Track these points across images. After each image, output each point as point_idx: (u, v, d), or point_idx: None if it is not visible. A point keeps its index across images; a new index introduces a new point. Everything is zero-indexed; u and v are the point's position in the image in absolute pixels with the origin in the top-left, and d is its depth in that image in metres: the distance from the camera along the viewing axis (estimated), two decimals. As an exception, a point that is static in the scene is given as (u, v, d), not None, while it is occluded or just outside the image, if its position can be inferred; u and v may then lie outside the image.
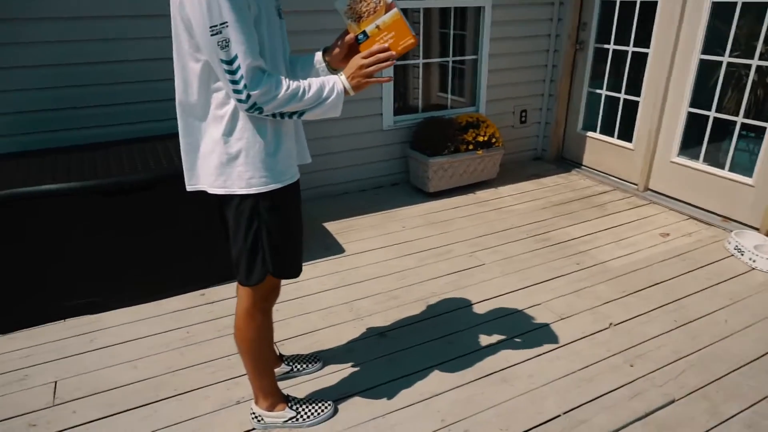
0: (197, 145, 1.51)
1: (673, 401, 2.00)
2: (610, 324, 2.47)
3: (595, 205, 3.75)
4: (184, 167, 1.57)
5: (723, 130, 3.42)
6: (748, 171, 3.27)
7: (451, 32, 4.06)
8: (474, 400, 2.01)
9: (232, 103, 1.41)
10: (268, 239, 1.55)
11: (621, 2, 3.81)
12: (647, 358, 2.24)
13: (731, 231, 3.26)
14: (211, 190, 1.52)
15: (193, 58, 1.39)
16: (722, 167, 3.40)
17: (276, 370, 2.02)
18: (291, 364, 2.13)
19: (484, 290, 2.73)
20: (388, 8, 1.43)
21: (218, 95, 1.42)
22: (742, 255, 2.99)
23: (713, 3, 3.25)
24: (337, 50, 1.56)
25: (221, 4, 1.25)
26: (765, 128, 3.12)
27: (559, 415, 1.93)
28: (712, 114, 3.39)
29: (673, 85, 3.54)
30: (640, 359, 2.23)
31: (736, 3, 3.15)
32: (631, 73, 3.86)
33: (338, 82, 1.45)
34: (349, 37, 1.50)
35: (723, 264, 2.97)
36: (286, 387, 2.02)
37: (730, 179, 3.35)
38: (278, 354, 2.15)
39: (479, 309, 2.58)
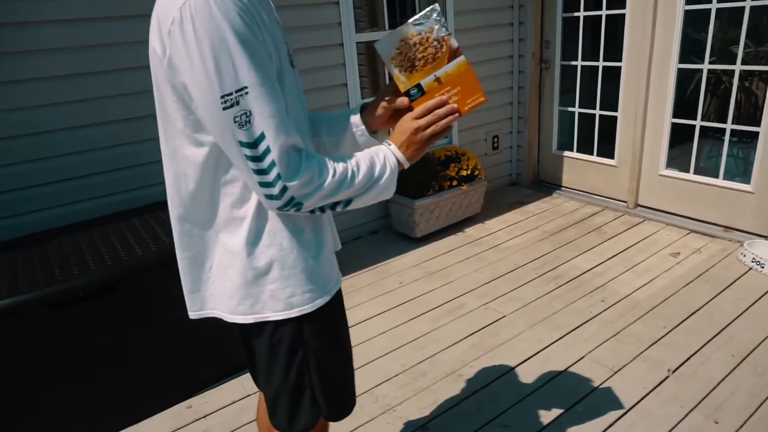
0: (202, 260, 1.07)
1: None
2: (669, 371, 2.20)
3: (591, 230, 3.54)
4: (184, 289, 1.13)
5: (711, 138, 3.33)
6: (744, 177, 3.18)
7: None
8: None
9: (255, 199, 1.00)
10: (319, 372, 1.12)
11: (585, 17, 3.70)
12: (727, 409, 1.97)
13: (739, 242, 3.14)
14: (231, 318, 1.08)
15: (191, 141, 0.96)
16: (716, 176, 3.30)
17: None
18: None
19: (516, 349, 2.40)
20: (453, 55, 1.06)
21: (233, 189, 1.00)
22: (763, 268, 2.85)
23: (686, 11, 3.17)
24: (381, 111, 1.15)
25: (237, 60, 0.85)
26: (757, 133, 3.04)
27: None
28: (698, 123, 3.30)
29: (653, 97, 3.43)
30: (720, 412, 1.96)
31: (709, 9, 3.08)
32: (604, 89, 3.73)
33: (389, 154, 1.05)
34: (401, 99, 1.10)
35: (747, 280, 2.81)
36: None
37: (726, 188, 3.25)
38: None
39: (521, 375, 2.24)
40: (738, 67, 3.05)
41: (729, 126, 3.17)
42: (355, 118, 1.18)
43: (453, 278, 3.06)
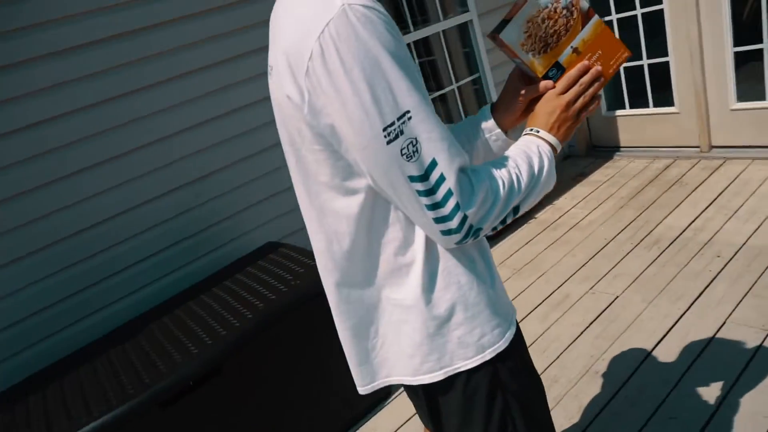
0: (368, 325, 0.93)
1: None
2: (829, 317, 1.97)
3: (671, 184, 3.31)
4: (350, 363, 0.99)
5: (781, 57, 3.07)
6: (831, 90, 2.91)
7: (447, 56, 3.63)
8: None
9: (421, 238, 0.85)
10: (523, 416, 0.96)
11: (609, -32, 3.49)
12: None
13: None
14: (415, 381, 0.93)
15: (341, 192, 0.83)
16: (798, 95, 3.04)
17: None
18: None
19: (645, 330, 2.19)
20: (586, 19, 0.93)
21: (394, 235, 0.85)
22: None
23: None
24: (517, 106, 1.01)
25: (394, 84, 0.72)
26: (836, 38, 2.78)
27: None
28: (765, 45, 3.05)
29: (707, 29, 3.19)
30: None
31: None
32: (648, 36, 3.51)
33: (541, 143, 0.91)
34: (544, 84, 0.95)
35: None
36: None
37: (812, 105, 2.99)
38: None
39: (662, 357, 2.04)
40: (798, -25, 2.81)
41: (801, 39, 2.92)
42: (488, 123, 1.03)
43: (545, 269, 2.87)
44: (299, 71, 0.74)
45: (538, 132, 0.93)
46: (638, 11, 3.47)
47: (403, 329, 0.90)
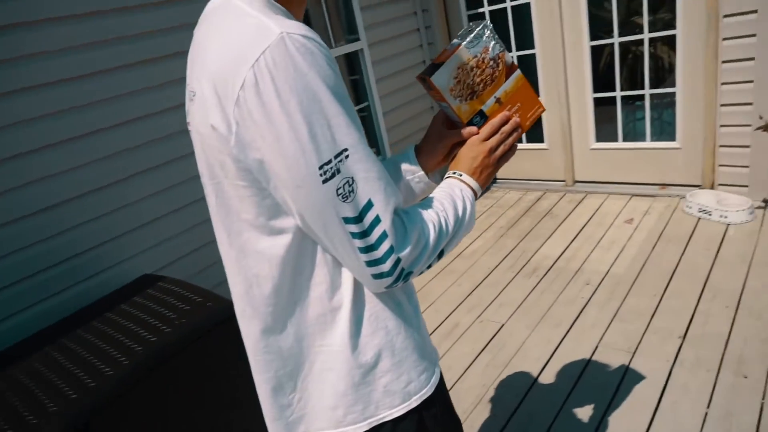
0: (289, 376, 0.85)
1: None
2: (679, 338, 2.22)
3: (543, 215, 3.59)
4: (265, 417, 0.89)
5: (632, 105, 3.50)
6: (669, 136, 3.37)
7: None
8: None
9: (348, 282, 0.79)
10: None
11: (490, 11, 3.75)
12: (748, 361, 2.02)
13: (678, 196, 3.33)
14: None
15: (265, 232, 0.75)
16: (644, 139, 3.48)
17: None
18: None
19: (531, 357, 2.31)
20: (509, 72, 0.95)
21: (320, 279, 0.79)
22: (710, 215, 3.03)
23: (586, -9, 3.31)
24: (441, 149, 1.00)
25: (332, 119, 0.67)
26: (673, 93, 3.23)
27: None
28: (618, 93, 3.45)
29: (572, 77, 3.54)
30: (744, 365, 2.00)
31: (607, -13, 3.23)
32: (519, 77, 3.80)
33: (464, 187, 0.90)
34: (468, 130, 0.95)
35: (702, 229, 2.96)
36: None
37: (655, 148, 3.43)
38: None
39: (548, 382, 2.15)
40: (646, 36, 3.23)
41: (647, 92, 3.35)
42: (410, 166, 1.01)
43: (433, 299, 2.93)
44: (228, 100, 0.66)
45: (461, 176, 0.92)
46: (514, 53, 3.76)
47: (327, 378, 0.83)
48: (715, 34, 2.94)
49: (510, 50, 3.76)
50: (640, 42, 3.28)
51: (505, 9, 3.67)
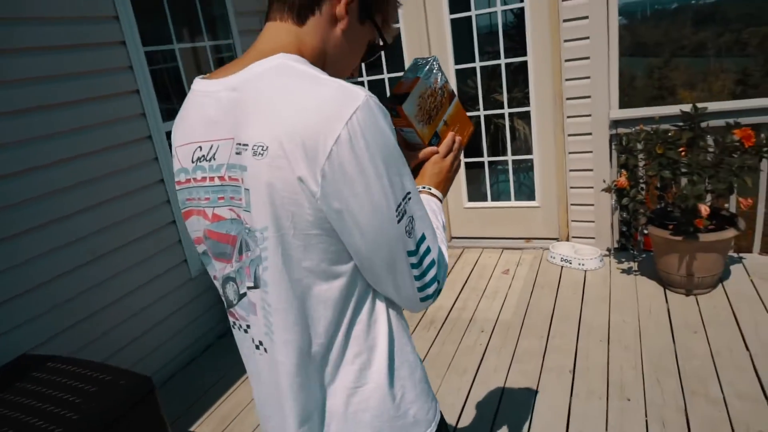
0: (320, 421, 0.86)
1: None
2: (570, 372, 2.51)
3: (428, 269, 3.81)
4: None
5: (498, 169, 3.97)
6: (530, 196, 3.87)
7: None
8: None
9: (383, 317, 0.85)
10: None
11: (368, 82, 4.04)
12: (628, 386, 2.35)
13: (542, 248, 3.80)
14: None
15: (323, 277, 0.78)
16: (509, 199, 3.94)
17: None
18: None
19: (446, 404, 2.41)
20: (451, 98, 1.14)
21: (362, 317, 0.83)
22: (571, 264, 3.51)
23: (456, 69, 3.75)
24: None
25: (401, 167, 0.77)
26: (531, 159, 3.76)
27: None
28: (486, 159, 3.90)
29: (445, 143, 3.92)
30: (626, 391, 2.32)
31: (475, 67, 3.71)
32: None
33: (435, 199, 1.03)
34: (430, 150, 1.08)
35: (567, 276, 3.41)
36: None
37: (519, 207, 3.91)
38: None
39: (464, 427, 2.26)
40: (506, 111, 3.74)
41: (510, 158, 3.84)
42: None
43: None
44: (320, 153, 0.70)
45: (430, 189, 1.04)
46: (393, 122, 4.06)
47: (361, 420, 0.85)
48: (560, 112, 3.52)
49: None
50: (502, 116, 3.79)
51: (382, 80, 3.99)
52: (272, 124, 0.72)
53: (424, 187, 1.03)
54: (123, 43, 2.63)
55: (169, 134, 2.93)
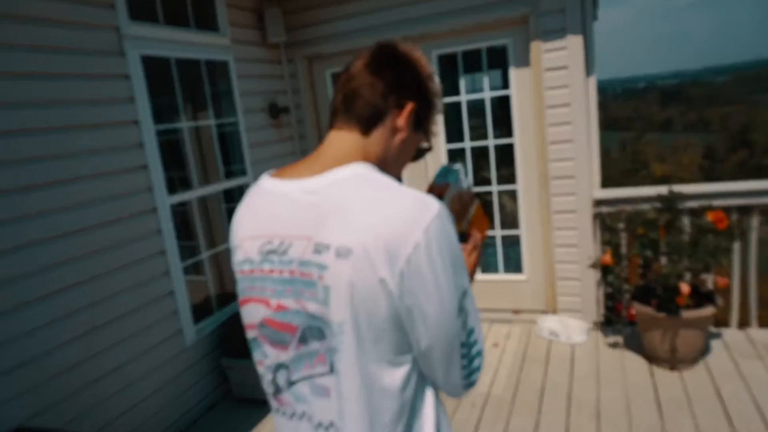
0: None
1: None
2: (564, 449, 2.54)
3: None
4: None
5: (486, 243, 4.11)
6: (518, 269, 4.00)
7: (226, 216, 3.62)
8: None
9: (431, 401, 0.94)
10: None
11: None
12: (622, 464, 2.39)
13: (530, 321, 3.89)
14: None
15: (389, 366, 0.87)
16: (497, 272, 4.06)
17: None
18: None
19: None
20: (472, 200, 1.29)
21: (413, 403, 0.92)
22: (559, 337, 3.59)
23: (448, 149, 3.96)
24: None
25: (461, 269, 0.89)
26: (519, 234, 3.91)
27: None
28: (475, 233, 4.05)
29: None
30: (620, 469, 2.36)
31: (464, 147, 3.94)
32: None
33: None
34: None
35: (555, 350, 3.48)
36: None
37: (507, 280, 4.02)
38: None
39: (464, 507, 2.25)
40: (495, 188, 3.94)
41: (498, 232, 4.00)
42: None
43: None
44: (400, 257, 0.81)
45: None
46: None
47: None
48: (546, 190, 3.72)
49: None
50: (490, 192, 3.98)
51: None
52: (356, 229, 0.82)
53: None
54: (136, 122, 2.78)
55: (173, 206, 3.03)
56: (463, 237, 1.20)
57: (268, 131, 3.94)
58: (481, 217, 1.29)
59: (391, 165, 0.99)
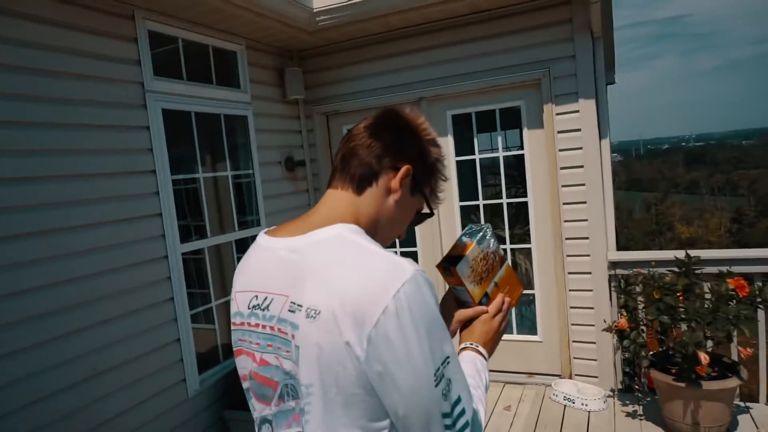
0: None
1: None
2: None
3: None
4: None
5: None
6: (532, 330, 3.89)
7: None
8: None
9: None
10: None
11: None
12: None
13: (544, 384, 3.74)
14: None
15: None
16: (511, 332, 3.95)
17: None
18: None
19: None
20: (502, 262, 1.23)
21: None
22: (574, 403, 3.43)
23: (461, 206, 3.97)
24: (453, 326, 1.16)
25: (441, 334, 0.85)
26: (533, 294, 3.83)
27: None
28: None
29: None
30: None
31: (478, 204, 3.93)
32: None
33: (481, 357, 1.07)
34: (480, 308, 1.15)
35: (570, 417, 3.32)
36: None
37: (521, 341, 3.90)
38: None
39: None
40: (508, 246, 3.90)
41: (511, 291, 3.92)
42: None
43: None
44: (367, 322, 0.79)
45: (477, 347, 1.09)
46: (397, 250, 4.21)
47: None
48: (560, 250, 3.66)
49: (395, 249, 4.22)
50: (504, 250, 3.93)
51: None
52: (326, 291, 0.82)
53: (471, 344, 1.09)
54: (153, 171, 2.86)
55: (185, 254, 3.06)
56: (487, 298, 1.16)
57: (283, 183, 4.01)
58: (512, 280, 1.23)
59: (384, 226, 0.99)
